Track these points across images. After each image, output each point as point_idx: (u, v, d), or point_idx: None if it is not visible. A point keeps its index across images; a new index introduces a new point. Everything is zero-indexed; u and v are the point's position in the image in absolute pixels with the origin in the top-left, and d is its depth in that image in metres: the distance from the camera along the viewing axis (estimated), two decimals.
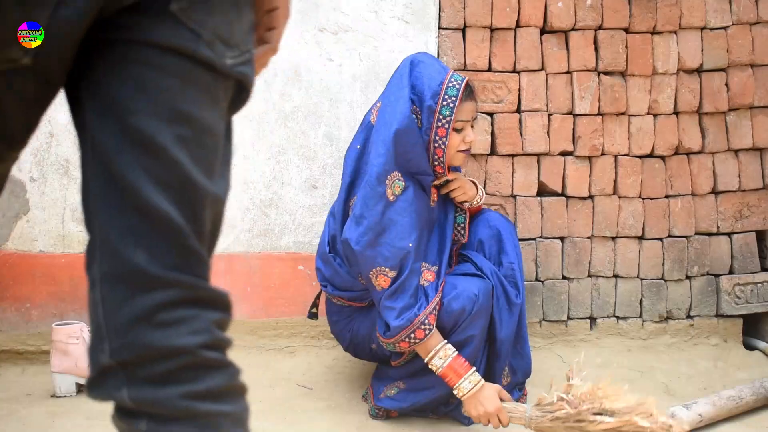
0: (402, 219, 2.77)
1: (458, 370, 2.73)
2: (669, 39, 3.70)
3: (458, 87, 2.80)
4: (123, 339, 1.15)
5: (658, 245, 3.76)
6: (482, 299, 2.84)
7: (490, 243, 3.07)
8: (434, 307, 2.77)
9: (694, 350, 3.74)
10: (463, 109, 2.83)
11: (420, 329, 2.72)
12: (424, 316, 2.73)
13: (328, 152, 3.59)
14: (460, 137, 2.86)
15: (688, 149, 3.76)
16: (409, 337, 2.72)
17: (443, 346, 2.75)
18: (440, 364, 2.73)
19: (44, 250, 3.50)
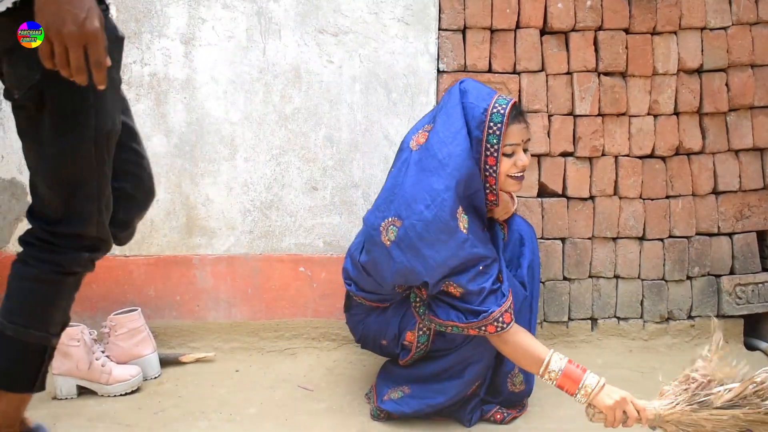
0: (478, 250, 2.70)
1: (574, 375, 2.61)
2: (669, 39, 3.70)
3: (503, 112, 2.71)
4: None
5: (658, 246, 3.76)
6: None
7: (512, 246, 3.04)
8: (509, 306, 2.70)
9: (696, 351, 3.70)
10: (510, 133, 2.75)
11: (507, 312, 2.68)
12: (499, 313, 2.66)
13: (329, 154, 3.59)
14: (511, 162, 2.77)
15: (688, 150, 3.75)
16: (497, 322, 2.66)
17: (551, 356, 2.64)
18: (554, 376, 2.62)
19: None
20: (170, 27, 3.51)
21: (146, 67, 3.51)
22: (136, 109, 3.49)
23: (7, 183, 3.49)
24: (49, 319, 2.20)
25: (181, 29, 3.51)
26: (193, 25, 3.52)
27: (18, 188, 3.48)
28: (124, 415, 2.96)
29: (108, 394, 3.14)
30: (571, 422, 2.94)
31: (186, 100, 3.51)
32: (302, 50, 3.56)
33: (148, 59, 3.51)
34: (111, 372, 3.15)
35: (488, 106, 2.72)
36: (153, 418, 2.92)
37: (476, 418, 2.93)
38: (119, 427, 2.83)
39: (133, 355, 3.31)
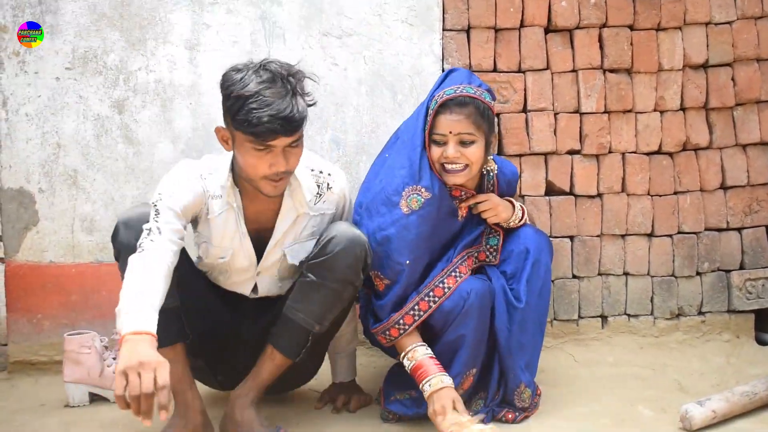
0: (408, 234, 2.81)
1: (425, 370, 2.79)
2: (674, 35, 3.69)
3: (438, 101, 2.81)
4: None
5: (667, 242, 3.75)
6: (473, 298, 2.82)
7: (516, 260, 2.98)
8: (412, 308, 2.83)
9: (706, 346, 3.73)
10: (438, 122, 2.82)
11: (394, 328, 2.84)
12: (399, 316, 2.83)
13: (335, 156, 3.59)
14: (440, 151, 2.82)
15: (695, 145, 3.74)
16: (385, 334, 2.86)
17: (414, 348, 2.82)
18: (408, 364, 2.82)
19: (54, 260, 3.51)
20: (174, 33, 3.51)
21: (151, 74, 3.52)
22: (142, 116, 3.51)
23: (16, 192, 3.49)
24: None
25: (186, 35, 3.52)
26: (197, 31, 3.52)
27: (26, 197, 3.49)
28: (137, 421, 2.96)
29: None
30: (584, 420, 2.93)
31: (192, 105, 3.52)
32: (307, 53, 3.57)
33: (153, 66, 3.51)
34: None
35: (436, 94, 2.84)
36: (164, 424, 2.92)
37: (488, 419, 2.92)
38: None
39: None
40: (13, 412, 3.10)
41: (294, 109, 2.50)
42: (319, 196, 2.85)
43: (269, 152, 2.53)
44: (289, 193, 2.77)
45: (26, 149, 3.49)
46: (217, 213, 2.73)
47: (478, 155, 2.84)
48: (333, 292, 2.68)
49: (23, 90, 3.47)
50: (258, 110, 2.45)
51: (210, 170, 2.73)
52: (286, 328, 2.66)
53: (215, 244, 2.78)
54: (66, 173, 3.51)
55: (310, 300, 2.66)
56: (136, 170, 3.53)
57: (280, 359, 2.70)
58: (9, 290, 3.52)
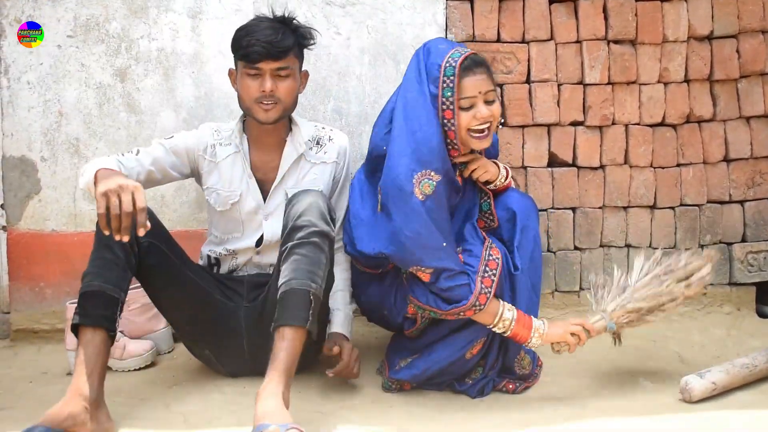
0: (435, 218, 2.72)
1: (526, 323, 2.81)
2: (679, 6, 3.67)
3: (454, 65, 2.72)
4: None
5: (670, 214, 3.75)
6: (504, 263, 2.86)
7: (507, 227, 2.97)
8: (484, 269, 2.78)
9: (707, 319, 3.74)
10: (464, 85, 2.73)
11: (483, 294, 2.74)
12: (479, 283, 2.74)
13: (338, 126, 3.57)
14: (470, 115, 2.74)
15: (699, 117, 3.73)
16: (475, 306, 2.74)
17: (504, 308, 2.79)
18: (508, 325, 2.79)
19: (56, 229, 3.52)
20: (177, 1, 3.49)
21: (154, 42, 3.50)
22: (144, 85, 3.50)
23: (17, 160, 3.49)
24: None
25: (188, 3, 3.50)
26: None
27: (28, 165, 3.49)
28: (139, 389, 2.98)
29: (122, 369, 3.17)
30: (584, 390, 2.95)
31: (194, 74, 3.51)
32: (310, 22, 3.52)
33: (156, 34, 3.50)
34: (125, 347, 3.17)
35: (442, 61, 2.74)
36: (167, 392, 2.94)
37: (488, 389, 2.93)
38: (134, 401, 2.85)
39: (146, 330, 3.33)
40: (15, 379, 3.11)
41: (279, 37, 2.88)
42: (320, 146, 3.12)
43: (259, 76, 2.89)
44: (291, 139, 3.07)
45: (28, 117, 3.48)
46: (223, 157, 3.04)
47: (500, 111, 2.88)
48: (312, 246, 2.67)
49: (25, 58, 3.46)
50: (249, 37, 2.87)
51: (219, 124, 3.15)
52: (284, 302, 2.60)
53: (225, 188, 3.04)
54: (68, 141, 3.50)
55: (295, 265, 2.64)
56: (138, 139, 3.52)
57: (291, 333, 2.57)
58: (11, 258, 3.52)
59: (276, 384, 2.47)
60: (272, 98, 2.90)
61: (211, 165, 3.04)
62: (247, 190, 3.03)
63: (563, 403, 2.84)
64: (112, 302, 2.64)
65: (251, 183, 3.03)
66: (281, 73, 2.91)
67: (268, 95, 2.89)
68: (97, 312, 2.60)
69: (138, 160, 2.87)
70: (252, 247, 3.05)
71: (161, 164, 2.94)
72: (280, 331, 2.58)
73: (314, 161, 3.08)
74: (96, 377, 2.54)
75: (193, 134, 3.06)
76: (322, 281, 2.68)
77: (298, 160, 3.06)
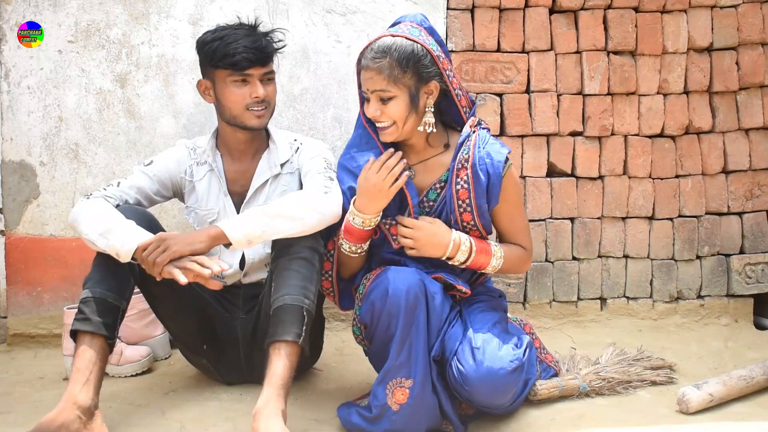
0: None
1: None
2: (679, 18, 3.68)
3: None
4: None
5: (668, 225, 3.75)
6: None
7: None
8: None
9: (705, 330, 3.74)
10: (363, 79, 2.64)
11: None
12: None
13: (338, 134, 3.58)
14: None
15: (698, 129, 3.74)
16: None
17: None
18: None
19: (55, 233, 3.51)
20: (178, 8, 3.50)
21: (154, 48, 3.51)
22: (144, 90, 3.50)
23: (17, 165, 3.49)
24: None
25: (189, 10, 3.51)
26: (200, 6, 3.51)
27: (27, 170, 3.49)
28: (136, 395, 2.97)
29: (119, 375, 3.16)
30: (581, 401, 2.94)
31: (194, 81, 3.50)
32: (310, 30, 3.55)
33: (156, 40, 3.50)
34: (122, 353, 3.17)
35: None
36: (164, 398, 2.93)
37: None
38: (131, 407, 2.84)
39: (143, 336, 3.33)
40: (12, 384, 3.11)
41: (264, 42, 2.86)
42: (290, 163, 3.00)
43: (247, 83, 2.85)
44: (267, 156, 3.00)
45: (28, 122, 3.48)
46: (200, 177, 2.99)
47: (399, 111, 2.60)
48: (304, 261, 2.65)
49: (25, 62, 3.46)
50: (234, 43, 2.80)
51: (196, 140, 3.08)
52: (278, 318, 2.56)
53: (202, 207, 2.99)
54: (67, 146, 3.50)
55: (287, 280, 2.61)
56: (137, 145, 3.52)
57: (286, 349, 2.54)
58: (9, 263, 3.52)
59: (275, 402, 2.44)
60: (263, 103, 2.88)
61: (189, 185, 3.00)
62: (224, 210, 2.98)
63: (560, 414, 2.83)
64: (114, 310, 2.64)
65: (227, 202, 2.98)
66: (268, 77, 2.91)
67: (261, 100, 2.86)
68: (97, 319, 2.59)
69: (122, 191, 2.84)
70: (238, 271, 3.02)
71: (145, 192, 2.90)
72: (275, 346, 2.56)
73: (284, 172, 3.00)
74: (92, 385, 2.53)
75: (172, 156, 3.00)
76: (315, 296, 2.67)
77: (270, 179, 2.99)
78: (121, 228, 2.60)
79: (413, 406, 2.51)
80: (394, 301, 2.48)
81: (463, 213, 2.65)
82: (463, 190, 2.62)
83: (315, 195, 2.70)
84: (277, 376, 2.49)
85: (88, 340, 2.58)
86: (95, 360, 2.57)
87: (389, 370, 2.52)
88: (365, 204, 2.60)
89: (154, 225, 2.71)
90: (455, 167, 2.63)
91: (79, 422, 2.43)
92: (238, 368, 3.01)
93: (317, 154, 2.94)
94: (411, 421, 2.53)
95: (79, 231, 2.69)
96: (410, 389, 2.50)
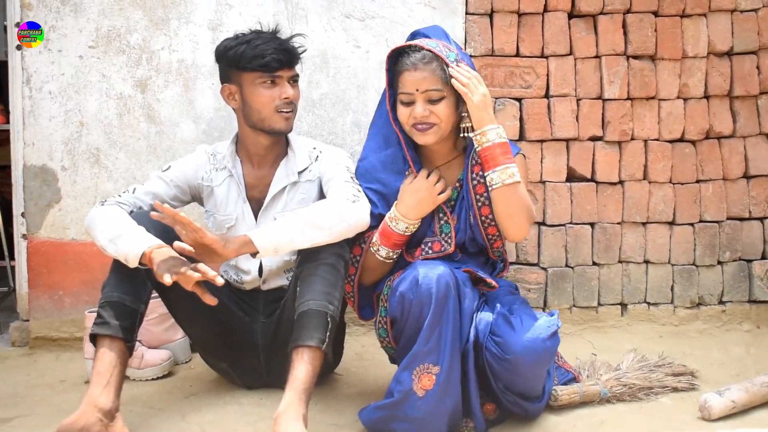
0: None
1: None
2: (699, 22, 3.67)
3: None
4: None
5: (689, 230, 3.73)
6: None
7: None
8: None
9: (727, 336, 3.71)
10: (402, 81, 2.66)
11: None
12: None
13: (357, 139, 3.59)
14: (407, 112, 2.67)
15: (719, 133, 3.72)
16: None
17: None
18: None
19: (76, 237, 3.53)
20: (197, 13, 3.52)
21: (174, 54, 3.52)
22: (164, 96, 3.52)
23: (38, 170, 3.51)
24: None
25: (209, 15, 3.52)
26: (220, 11, 3.52)
27: (49, 175, 3.51)
28: (156, 399, 2.98)
29: (140, 378, 3.17)
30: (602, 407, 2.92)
31: (214, 86, 3.52)
32: (329, 35, 3.56)
33: (176, 46, 3.52)
34: (142, 356, 3.18)
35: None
36: (184, 402, 2.94)
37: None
38: (151, 410, 2.85)
39: (164, 340, 3.34)
40: (34, 386, 3.13)
41: (291, 45, 2.90)
42: (309, 171, 2.99)
43: (276, 85, 2.87)
44: (285, 164, 3.00)
45: (49, 127, 3.50)
46: (219, 182, 2.99)
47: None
48: (329, 267, 2.66)
49: (47, 68, 3.49)
50: (263, 45, 2.82)
51: (216, 146, 3.08)
52: (302, 323, 2.57)
53: (220, 212, 3.00)
54: (88, 151, 3.52)
55: (312, 285, 2.62)
56: (157, 149, 3.54)
57: (309, 354, 2.54)
58: (31, 267, 3.54)
59: (296, 406, 2.43)
60: (291, 105, 2.89)
61: (208, 189, 3.01)
62: (242, 215, 2.98)
63: (581, 420, 2.82)
64: (132, 313, 2.65)
65: (246, 207, 2.98)
66: (294, 79, 2.93)
67: (290, 102, 2.88)
68: (116, 323, 2.61)
69: (136, 197, 2.85)
70: (257, 278, 3.02)
71: (161, 197, 2.89)
72: (298, 351, 2.56)
73: (302, 180, 2.99)
74: (112, 388, 2.54)
75: (190, 162, 3.01)
76: (339, 302, 2.67)
77: (287, 186, 2.98)
78: (129, 234, 2.61)
79: (439, 393, 2.50)
80: (425, 289, 2.47)
81: (482, 207, 2.71)
82: (480, 184, 2.71)
83: (344, 204, 2.70)
84: (299, 380, 2.49)
85: (107, 344, 2.60)
86: (115, 363, 2.58)
87: (417, 355, 2.50)
88: (410, 209, 2.67)
89: (168, 230, 2.70)
90: (470, 164, 2.71)
91: (100, 425, 2.45)
92: (258, 372, 3.02)
93: (339, 161, 2.94)
94: (435, 409, 2.52)
95: (93, 237, 2.72)
96: (437, 376, 2.49)
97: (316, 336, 2.55)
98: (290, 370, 2.53)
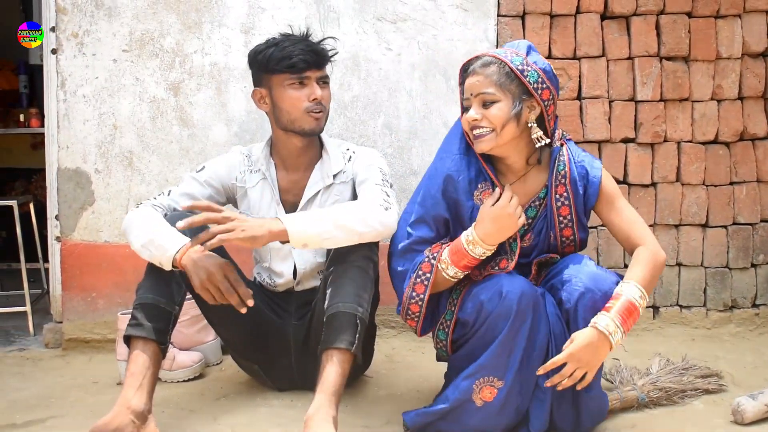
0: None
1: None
2: (733, 23, 3.64)
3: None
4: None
5: (722, 233, 3.70)
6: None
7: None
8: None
9: (760, 339, 3.68)
10: (465, 86, 2.58)
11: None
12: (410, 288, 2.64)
13: (388, 141, 3.59)
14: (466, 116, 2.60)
15: (753, 135, 3.69)
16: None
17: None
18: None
19: (109, 240, 3.57)
20: (230, 17, 3.54)
21: (207, 57, 3.55)
22: (197, 99, 3.54)
23: (72, 172, 3.55)
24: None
25: (241, 19, 3.54)
26: (252, 15, 3.54)
27: (82, 177, 3.55)
28: (187, 400, 3.00)
29: (171, 380, 3.19)
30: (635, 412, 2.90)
31: (246, 89, 3.54)
32: (361, 38, 3.57)
33: (209, 49, 3.54)
34: (174, 358, 3.20)
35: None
36: (215, 404, 2.96)
37: None
38: (183, 412, 2.87)
39: (195, 342, 3.36)
40: (67, 388, 3.15)
41: (318, 46, 2.89)
42: (344, 173, 2.99)
43: (305, 86, 2.86)
44: (320, 166, 2.99)
45: (83, 130, 3.54)
46: (253, 184, 2.99)
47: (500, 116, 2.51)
48: (359, 270, 2.67)
49: (81, 71, 3.52)
50: (291, 47, 2.83)
51: (251, 148, 3.08)
52: (331, 325, 2.59)
53: (254, 214, 2.97)
54: (122, 154, 3.55)
55: (342, 288, 2.63)
56: (190, 152, 3.56)
57: (339, 356, 2.55)
58: (64, 269, 3.58)
59: (327, 409, 2.44)
60: (320, 105, 2.87)
61: (242, 191, 3.00)
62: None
63: (613, 422, 2.80)
64: (165, 315, 2.67)
65: (279, 210, 2.96)
66: (324, 80, 2.91)
67: (319, 102, 2.86)
68: (150, 325, 2.62)
69: (171, 200, 2.85)
70: (291, 280, 3.03)
71: (196, 198, 2.88)
72: (327, 353, 2.56)
73: (337, 182, 2.98)
74: (145, 390, 2.56)
75: (223, 162, 3.00)
76: (368, 304, 2.67)
77: (322, 188, 2.98)
78: (163, 237, 2.63)
79: (497, 407, 2.51)
80: (507, 304, 2.45)
81: (564, 228, 2.64)
82: (564, 206, 2.62)
83: (376, 210, 2.70)
84: (329, 383, 2.49)
85: (141, 345, 2.61)
86: (148, 365, 2.60)
87: (483, 367, 2.50)
88: (491, 234, 2.53)
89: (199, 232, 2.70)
90: (553, 183, 2.60)
91: (133, 426, 2.46)
92: (289, 374, 3.02)
93: (372, 162, 2.93)
94: (490, 421, 2.54)
95: (128, 241, 2.74)
96: (499, 390, 2.50)
97: (345, 338, 2.56)
98: (320, 372, 2.54)
